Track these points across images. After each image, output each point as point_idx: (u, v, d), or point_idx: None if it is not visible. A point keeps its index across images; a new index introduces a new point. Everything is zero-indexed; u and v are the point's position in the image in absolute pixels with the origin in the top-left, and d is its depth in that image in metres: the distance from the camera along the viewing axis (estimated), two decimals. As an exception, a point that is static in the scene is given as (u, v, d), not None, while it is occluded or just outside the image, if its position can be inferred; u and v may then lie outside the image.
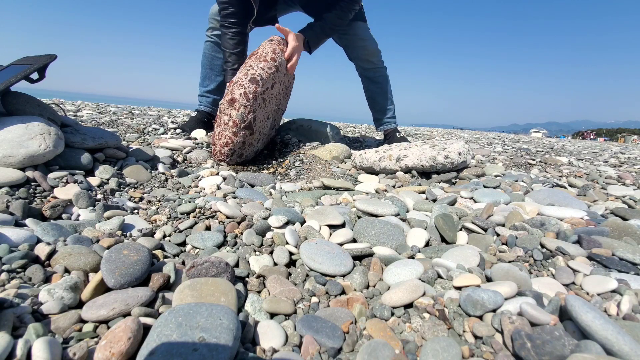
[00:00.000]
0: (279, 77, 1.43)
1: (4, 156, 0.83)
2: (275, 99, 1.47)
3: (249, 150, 1.38)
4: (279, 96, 1.50)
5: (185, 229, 0.72)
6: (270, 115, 1.48)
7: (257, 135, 1.38)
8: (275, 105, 1.49)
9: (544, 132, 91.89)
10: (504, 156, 2.07)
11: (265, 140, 1.54)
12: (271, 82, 1.36)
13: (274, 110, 1.51)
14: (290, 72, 1.51)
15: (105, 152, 1.09)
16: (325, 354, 0.41)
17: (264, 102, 1.34)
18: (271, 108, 1.45)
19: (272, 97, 1.41)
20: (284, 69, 1.46)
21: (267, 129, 1.49)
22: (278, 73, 1.40)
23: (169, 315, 0.40)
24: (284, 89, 1.54)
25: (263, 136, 1.46)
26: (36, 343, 0.36)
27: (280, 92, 1.50)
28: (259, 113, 1.31)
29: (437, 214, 0.78)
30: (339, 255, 0.60)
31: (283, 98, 1.59)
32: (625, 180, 1.44)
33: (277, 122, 1.69)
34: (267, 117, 1.43)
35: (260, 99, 1.31)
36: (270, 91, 1.37)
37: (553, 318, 0.43)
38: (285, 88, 1.57)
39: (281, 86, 1.49)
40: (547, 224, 0.75)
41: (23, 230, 0.62)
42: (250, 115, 1.28)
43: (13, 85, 0.95)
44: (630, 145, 5.42)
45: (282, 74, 1.45)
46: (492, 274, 0.56)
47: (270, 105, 1.42)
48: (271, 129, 1.58)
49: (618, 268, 0.59)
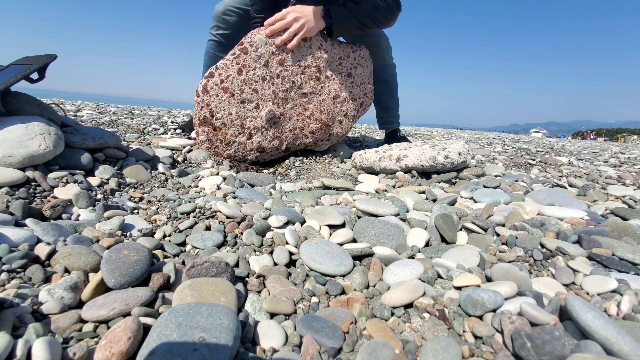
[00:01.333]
0: (263, 59, 1.26)
1: (4, 156, 0.83)
2: (267, 84, 1.29)
3: (232, 150, 1.29)
4: (277, 80, 1.30)
5: (185, 229, 0.72)
6: (263, 103, 1.30)
7: (234, 129, 1.27)
8: (273, 91, 1.30)
9: (544, 132, 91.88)
10: (504, 156, 2.07)
11: (269, 136, 1.34)
12: (236, 67, 1.24)
13: (273, 96, 1.31)
14: (279, 44, 1.26)
15: (105, 152, 1.09)
16: (325, 354, 0.41)
17: (226, 92, 1.24)
18: (263, 94, 1.29)
19: (247, 84, 1.26)
20: (280, 50, 1.28)
21: (262, 121, 1.31)
22: (247, 56, 1.25)
23: (169, 315, 0.40)
24: (296, 69, 1.33)
25: (256, 131, 1.31)
26: (36, 343, 0.36)
27: (282, 76, 1.31)
28: (222, 106, 1.24)
29: (437, 214, 0.78)
30: (339, 255, 0.60)
31: (305, 83, 1.35)
32: (625, 180, 1.44)
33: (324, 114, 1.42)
34: (254, 107, 1.29)
35: (219, 89, 1.23)
36: (236, 78, 1.24)
37: (553, 318, 0.43)
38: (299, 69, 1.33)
39: (281, 67, 1.30)
40: (547, 224, 0.75)
41: (23, 230, 0.62)
42: (203, 111, 1.22)
43: (13, 85, 0.95)
44: (630, 145, 5.43)
45: (271, 55, 1.28)
46: (492, 274, 0.56)
47: (250, 93, 1.27)
48: (273, 124, 1.36)
49: (618, 268, 0.59)
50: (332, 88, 1.43)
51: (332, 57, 1.42)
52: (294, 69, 1.33)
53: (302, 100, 1.38)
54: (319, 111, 1.42)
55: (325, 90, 1.42)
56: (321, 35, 1.37)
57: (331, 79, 1.43)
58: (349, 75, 1.47)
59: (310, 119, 1.42)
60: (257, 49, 1.26)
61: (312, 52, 1.36)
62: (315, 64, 1.37)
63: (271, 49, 1.27)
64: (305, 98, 1.39)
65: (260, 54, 1.26)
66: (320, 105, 1.42)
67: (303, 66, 1.35)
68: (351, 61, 1.47)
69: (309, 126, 1.43)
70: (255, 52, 1.26)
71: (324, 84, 1.41)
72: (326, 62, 1.40)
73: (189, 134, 1.64)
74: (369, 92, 1.55)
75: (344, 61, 1.46)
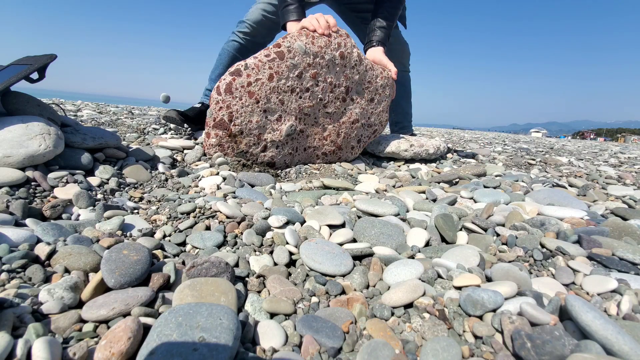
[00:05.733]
0: (298, 69, 1.20)
1: (4, 156, 0.83)
2: (295, 97, 1.21)
3: (245, 159, 1.21)
4: (305, 94, 1.24)
5: (185, 229, 0.72)
6: (286, 117, 1.23)
7: (250, 139, 1.18)
8: (299, 105, 1.24)
9: (544, 132, 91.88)
10: (504, 156, 2.07)
11: (282, 153, 1.25)
12: (268, 71, 1.15)
13: (297, 111, 1.24)
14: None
15: (105, 152, 1.09)
16: (325, 354, 0.41)
17: (251, 97, 1.13)
18: (288, 107, 1.22)
19: (275, 92, 1.17)
20: (317, 59, 1.23)
21: (281, 135, 1.22)
22: (283, 62, 1.17)
23: (169, 315, 0.40)
24: (326, 85, 1.27)
25: (272, 145, 1.22)
26: (36, 343, 0.36)
27: (312, 91, 1.25)
28: (244, 112, 1.14)
29: (437, 214, 0.78)
30: (339, 255, 0.60)
31: (336, 100, 1.32)
32: (625, 180, 1.44)
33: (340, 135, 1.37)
34: (276, 118, 1.20)
35: (244, 92, 1.11)
36: (266, 84, 1.15)
37: (553, 318, 0.43)
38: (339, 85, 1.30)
39: (313, 82, 1.24)
40: (547, 224, 0.75)
41: (23, 230, 0.62)
42: (222, 112, 1.10)
43: (13, 85, 0.95)
44: (630, 145, 5.44)
45: (311, 63, 1.22)
46: (492, 274, 0.56)
47: (276, 104, 1.19)
48: (291, 140, 1.27)
49: (618, 268, 0.59)
50: (355, 112, 1.40)
51: (361, 79, 1.38)
52: (325, 86, 1.29)
53: (323, 120, 1.34)
54: (336, 133, 1.38)
55: (347, 113, 1.39)
56: (358, 55, 1.34)
57: (355, 102, 1.39)
58: (372, 100, 1.44)
59: (326, 140, 1.37)
60: (294, 57, 1.18)
61: (346, 71, 1.32)
62: (345, 84, 1.34)
63: (308, 59, 1.21)
64: (328, 118, 1.34)
65: (297, 62, 1.20)
66: (339, 127, 1.38)
67: (334, 84, 1.31)
68: (377, 87, 1.44)
69: (323, 147, 1.37)
70: (291, 60, 1.18)
71: (348, 106, 1.38)
72: (355, 85, 1.37)
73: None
74: (384, 121, 1.53)
75: (371, 86, 1.42)
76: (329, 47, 1.26)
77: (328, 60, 1.26)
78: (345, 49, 1.30)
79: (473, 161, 1.74)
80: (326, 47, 1.25)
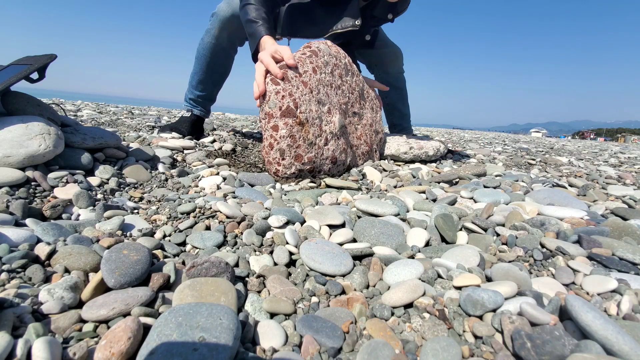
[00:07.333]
0: (329, 66, 1.22)
1: (4, 156, 0.83)
2: (334, 91, 1.22)
3: (312, 154, 1.11)
4: (339, 91, 1.25)
5: (185, 229, 0.72)
6: (333, 110, 1.20)
7: (314, 130, 1.11)
8: (338, 100, 1.23)
9: (544, 132, 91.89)
10: (504, 156, 2.07)
11: (340, 147, 1.21)
12: (310, 65, 1.14)
13: (338, 106, 1.23)
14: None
15: (105, 152, 1.09)
16: (325, 354, 0.41)
17: (305, 87, 1.10)
18: (332, 100, 1.20)
19: (321, 84, 1.16)
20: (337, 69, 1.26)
21: (335, 127, 1.18)
22: (318, 58, 1.18)
23: (169, 315, 0.40)
24: (345, 89, 1.29)
25: (331, 137, 1.18)
26: (36, 343, 0.36)
27: (342, 89, 1.26)
28: (305, 99, 1.08)
29: (437, 214, 0.78)
30: (339, 255, 0.60)
31: (356, 102, 1.35)
32: (625, 180, 1.44)
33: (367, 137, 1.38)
34: (327, 110, 1.17)
35: (299, 81, 1.08)
36: (313, 75, 1.14)
37: (553, 318, 0.43)
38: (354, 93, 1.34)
39: (340, 80, 1.26)
40: (547, 223, 0.75)
41: (23, 230, 0.62)
42: (286, 100, 1.03)
43: (13, 85, 0.95)
44: (630, 145, 5.45)
45: (333, 68, 1.24)
46: (492, 274, 0.56)
47: (324, 95, 1.17)
48: (342, 134, 1.23)
49: (618, 268, 0.59)
50: (367, 116, 1.43)
51: (362, 88, 1.42)
52: (348, 87, 1.31)
53: (353, 119, 1.35)
54: (365, 134, 1.40)
55: (365, 117, 1.41)
56: (357, 67, 1.40)
57: (365, 107, 1.43)
58: (372, 109, 1.48)
59: (360, 139, 1.37)
60: (324, 56, 1.21)
61: (355, 77, 1.37)
62: (357, 88, 1.37)
63: (333, 60, 1.24)
64: (355, 117, 1.36)
65: (328, 60, 1.23)
66: (363, 129, 1.40)
67: (352, 87, 1.34)
68: (372, 97, 1.49)
69: (360, 147, 1.37)
70: (323, 58, 1.21)
71: (363, 109, 1.41)
72: (361, 91, 1.41)
73: (184, 137, 1.58)
74: (381, 131, 1.55)
75: (369, 96, 1.47)
76: (340, 52, 1.31)
77: (344, 64, 1.31)
78: (348, 59, 1.36)
79: (474, 161, 1.75)
80: (339, 52, 1.30)
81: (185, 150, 1.41)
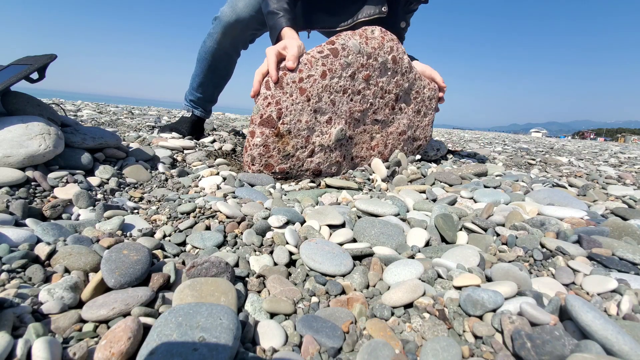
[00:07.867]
0: (351, 69, 1.12)
1: (4, 156, 0.83)
2: (346, 99, 1.13)
3: (287, 165, 1.09)
4: (357, 97, 1.16)
5: (185, 229, 0.72)
6: (336, 119, 1.13)
7: (298, 141, 1.07)
8: (349, 108, 1.15)
9: (544, 132, 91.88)
10: (504, 156, 2.07)
11: (330, 159, 1.16)
12: (321, 68, 1.07)
13: (347, 114, 1.15)
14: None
15: (105, 152, 1.09)
16: (325, 354, 0.41)
17: (302, 94, 1.04)
18: (338, 109, 1.13)
19: (327, 91, 1.09)
20: (372, 67, 1.17)
21: (330, 139, 1.13)
22: (337, 59, 1.09)
23: (169, 315, 0.40)
24: (378, 91, 1.20)
25: (320, 149, 1.12)
26: (36, 343, 0.36)
27: (363, 94, 1.17)
28: (294, 109, 1.04)
29: (437, 214, 0.78)
30: (339, 255, 0.60)
31: (384, 108, 1.24)
32: (625, 180, 1.44)
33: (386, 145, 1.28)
34: (326, 120, 1.11)
35: (296, 87, 1.03)
36: (318, 81, 1.07)
37: (553, 318, 0.43)
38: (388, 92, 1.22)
39: (365, 84, 1.17)
40: (547, 223, 0.75)
41: (23, 230, 0.62)
42: (270, 108, 1.00)
43: (13, 85, 0.95)
44: (630, 145, 5.45)
45: (360, 67, 1.15)
46: (492, 274, 0.56)
47: (327, 104, 1.11)
48: (340, 146, 1.17)
49: (618, 268, 0.59)
50: (402, 122, 1.33)
51: (410, 88, 1.32)
52: (376, 90, 1.21)
53: (372, 127, 1.26)
54: (384, 144, 1.30)
55: (395, 123, 1.31)
56: (408, 62, 1.28)
57: (403, 112, 1.33)
58: (418, 112, 1.37)
59: (373, 150, 1.28)
60: (348, 55, 1.12)
61: (397, 77, 1.26)
62: (395, 91, 1.27)
63: (362, 59, 1.15)
64: (376, 126, 1.27)
65: (350, 62, 1.13)
66: (386, 137, 1.30)
67: (384, 90, 1.24)
68: (424, 98, 1.38)
69: (369, 158, 1.28)
70: (345, 58, 1.11)
71: (396, 115, 1.31)
72: (404, 93, 1.31)
73: (184, 137, 1.58)
74: (429, 136, 1.46)
75: (419, 97, 1.36)
76: (382, 49, 1.20)
77: (381, 63, 1.20)
78: (397, 53, 1.24)
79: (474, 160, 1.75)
80: (379, 48, 1.19)
81: (185, 150, 1.41)
